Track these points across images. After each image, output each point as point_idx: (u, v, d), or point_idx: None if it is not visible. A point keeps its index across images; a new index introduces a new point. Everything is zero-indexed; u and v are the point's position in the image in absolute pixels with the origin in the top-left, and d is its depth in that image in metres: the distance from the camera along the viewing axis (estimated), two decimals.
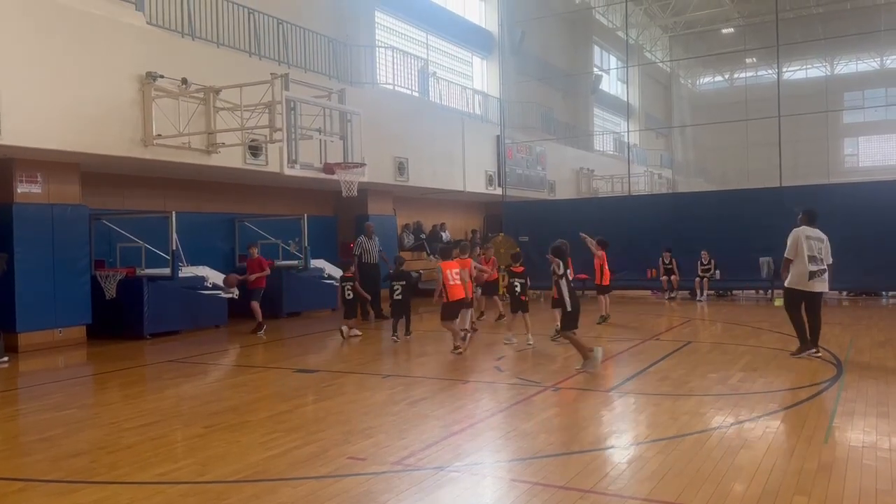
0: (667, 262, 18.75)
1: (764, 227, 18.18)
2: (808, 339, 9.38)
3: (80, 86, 10.84)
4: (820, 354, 9.35)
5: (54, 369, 10.08)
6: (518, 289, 11.26)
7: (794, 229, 9.48)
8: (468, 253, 12.02)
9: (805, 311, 9.37)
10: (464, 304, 10.56)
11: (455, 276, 10.24)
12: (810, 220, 9.58)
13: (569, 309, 9.06)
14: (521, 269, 11.51)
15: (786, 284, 9.51)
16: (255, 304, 13.12)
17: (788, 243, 9.39)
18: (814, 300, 9.35)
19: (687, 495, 4.62)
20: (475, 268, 11.91)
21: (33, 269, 11.30)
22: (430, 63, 23.21)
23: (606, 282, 13.84)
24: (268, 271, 13.48)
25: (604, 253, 13.65)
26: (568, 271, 9.48)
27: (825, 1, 35.96)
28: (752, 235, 18.23)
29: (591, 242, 13.58)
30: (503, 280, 11.89)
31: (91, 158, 11.66)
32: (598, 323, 13.48)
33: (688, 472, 5.05)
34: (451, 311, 10.34)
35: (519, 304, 11.25)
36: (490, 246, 14.94)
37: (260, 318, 13.08)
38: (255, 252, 13.51)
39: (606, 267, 13.77)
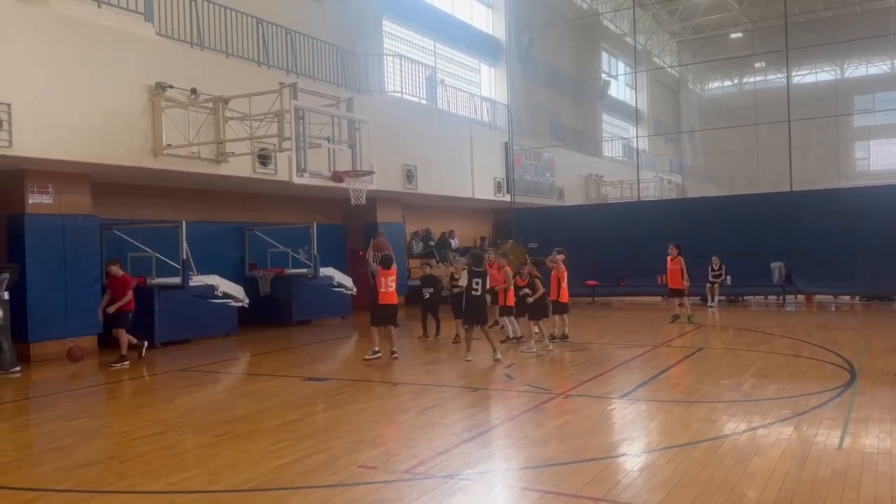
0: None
1: (775, 232, 18.13)
2: None
3: (90, 97, 10.92)
4: None
5: (65, 379, 10.12)
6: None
7: None
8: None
9: None
10: (394, 310, 10.47)
11: (390, 283, 10.28)
12: None
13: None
14: (524, 282, 11.48)
15: None
16: (122, 332, 10.93)
17: None
18: None
19: (700, 503, 4.59)
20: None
21: (45, 279, 11.37)
22: (438, 70, 23.27)
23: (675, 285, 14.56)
24: (129, 295, 11.04)
25: (679, 258, 14.43)
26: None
27: (835, 4, 35.83)
28: (762, 240, 18.15)
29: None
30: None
31: (102, 169, 11.73)
32: (671, 322, 13.90)
33: (700, 479, 5.01)
34: (379, 315, 10.44)
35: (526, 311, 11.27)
36: (502, 253, 14.50)
37: (125, 350, 10.86)
38: (118, 269, 11.10)
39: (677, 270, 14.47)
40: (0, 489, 5.28)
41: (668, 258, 14.60)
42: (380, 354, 10.26)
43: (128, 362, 10.73)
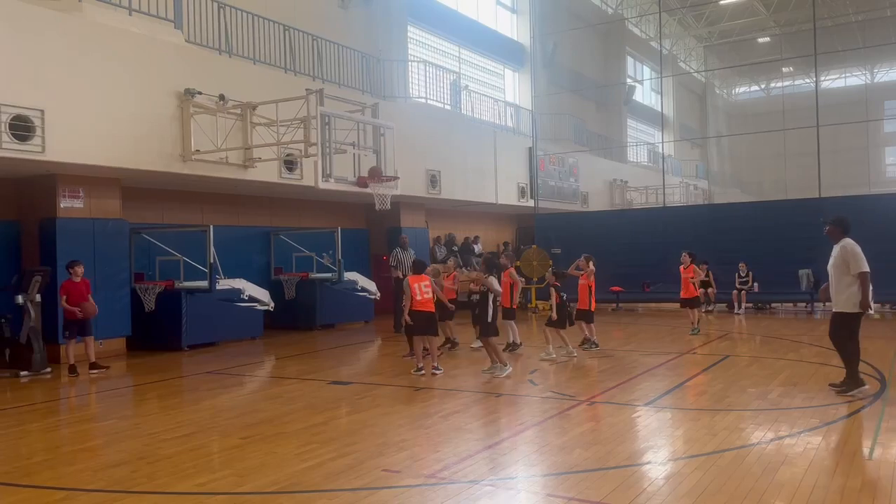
0: (703, 274, 18.49)
1: (803, 239, 17.85)
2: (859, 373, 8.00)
3: (120, 103, 11.11)
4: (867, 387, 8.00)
5: (95, 380, 10.27)
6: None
7: (850, 241, 8.00)
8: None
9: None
10: (431, 317, 9.95)
11: (424, 289, 9.91)
12: (848, 230, 8.20)
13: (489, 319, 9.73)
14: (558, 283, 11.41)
15: (844, 309, 7.90)
16: (90, 340, 10.67)
17: (858, 256, 7.86)
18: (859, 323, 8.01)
19: None
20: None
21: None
22: (463, 76, 23.33)
23: (688, 295, 14.16)
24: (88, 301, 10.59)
25: (693, 266, 14.01)
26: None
27: (864, 8, 35.35)
28: (790, 247, 17.91)
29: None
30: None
31: (131, 173, 11.93)
32: (693, 334, 13.62)
33: (727, 488, 4.96)
34: (417, 324, 9.87)
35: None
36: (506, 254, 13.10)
37: (93, 357, 10.62)
38: (81, 272, 10.66)
39: (689, 280, 14.07)
40: (31, 488, 5.37)
41: (681, 267, 14.12)
42: (423, 371, 9.81)
43: (106, 367, 10.65)
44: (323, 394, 8.88)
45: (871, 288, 7.89)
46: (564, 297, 11.27)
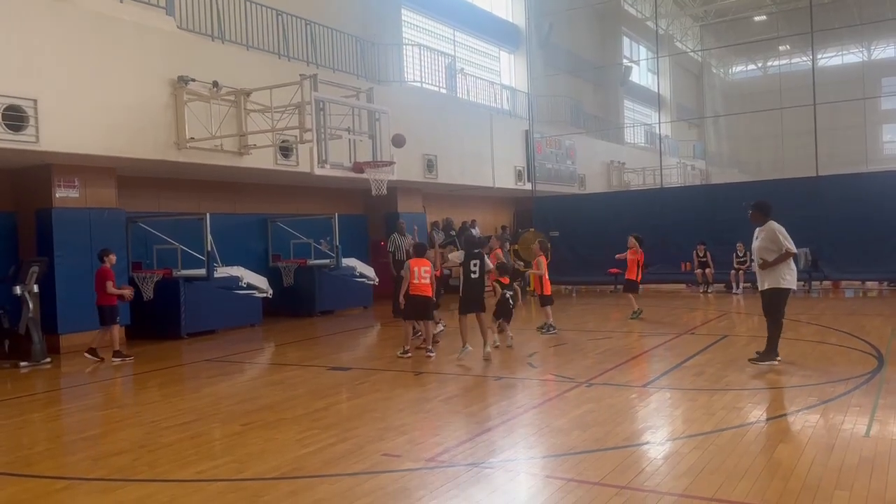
0: (701, 254, 18.52)
1: (801, 218, 17.79)
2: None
3: (114, 91, 11.04)
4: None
5: (95, 370, 10.29)
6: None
7: (773, 223, 8.62)
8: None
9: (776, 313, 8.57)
10: (427, 302, 9.93)
11: (424, 273, 9.88)
12: (769, 213, 8.72)
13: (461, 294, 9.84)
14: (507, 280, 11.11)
15: (780, 285, 8.50)
16: (117, 329, 10.93)
17: (781, 237, 8.49)
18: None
19: (724, 491, 4.57)
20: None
21: (73, 271, 11.54)
22: (458, 59, 23.19)
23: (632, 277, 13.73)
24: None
25: (631, 251, 13.55)
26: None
27: None
28: (788, 226, 17.69)
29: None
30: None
31: (126, 162, 11.87)
32: (632, 318, 13.36)
33: (725, 467, 4.99)
34: (412, 308, 9.94)
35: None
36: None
37: (117, 345, 10.81)
38: (114, 259, 10.94)
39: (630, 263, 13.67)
40: (32, 478, 5.40)
41: (630, 251, 13.62)
42: (410, 354, 9.93)
43: (131, 358, 10.76)
44: (323, 380, 8.90)
45: (794, 267, 8.66)
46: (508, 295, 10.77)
